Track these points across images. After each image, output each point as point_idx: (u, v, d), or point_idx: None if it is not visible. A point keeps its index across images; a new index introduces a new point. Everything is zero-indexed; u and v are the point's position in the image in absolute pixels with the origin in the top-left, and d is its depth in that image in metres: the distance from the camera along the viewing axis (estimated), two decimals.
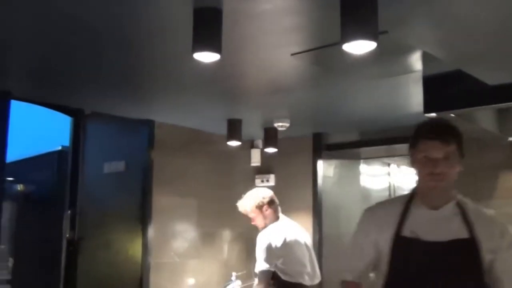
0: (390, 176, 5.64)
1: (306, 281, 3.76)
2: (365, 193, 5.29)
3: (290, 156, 4.77)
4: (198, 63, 2.22)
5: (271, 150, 4.48)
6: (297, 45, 2.56)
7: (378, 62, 2.74)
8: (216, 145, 4.60)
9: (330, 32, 1.99)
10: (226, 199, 4.87)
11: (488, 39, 2.29)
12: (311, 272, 3.80)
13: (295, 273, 3.70)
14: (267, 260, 3.63)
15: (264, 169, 5.00)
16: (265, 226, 3.78)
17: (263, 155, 4.81)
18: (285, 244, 3.69)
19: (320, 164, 4.81)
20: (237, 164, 4.95)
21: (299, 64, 2.84)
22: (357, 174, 5.21)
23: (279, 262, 3.64)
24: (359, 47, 1.96)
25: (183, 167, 4.56)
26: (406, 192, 7.02)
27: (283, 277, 3.65)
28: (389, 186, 5.61)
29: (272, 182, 4.94)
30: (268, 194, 3.87)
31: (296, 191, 4.72)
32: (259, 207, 3.83)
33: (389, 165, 5.63)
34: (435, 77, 2.91)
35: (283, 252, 3.66)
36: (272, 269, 3.65)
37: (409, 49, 2.58)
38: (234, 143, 4.22)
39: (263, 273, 3.64)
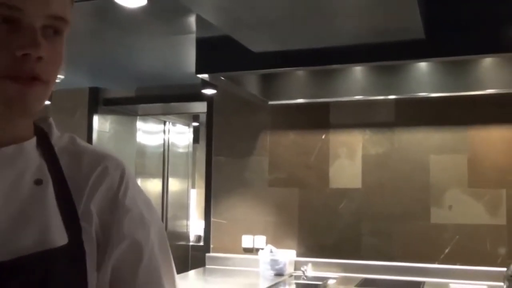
0: (165, 134, 5.84)
1: None
2: (141, 149, 5.41)
3: (65, 110, 4.63)
4: None
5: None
6: None
7: (156, 21, 2.83)
8: None
9: None
10: None
11: (257, 9, 2.47)
12: None
13: None
14: None
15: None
16: None
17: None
18: None
19: (96, 119, 4.77)
20: None
21: (75, 15, 2.77)
22: (133, 130, 5.29)
23: None
24: (130, 1, 2.05)
25: None
26: (180, 150, 7.30)
27: None
28: (164, 143, 5.80)
29: None
30: None
31: None
32: None
33: (164, 123, 5.81)
34: (207, 40, 3.10)
35: None
36: None
37: (185, 11, 2.71)
38: None
39: None
